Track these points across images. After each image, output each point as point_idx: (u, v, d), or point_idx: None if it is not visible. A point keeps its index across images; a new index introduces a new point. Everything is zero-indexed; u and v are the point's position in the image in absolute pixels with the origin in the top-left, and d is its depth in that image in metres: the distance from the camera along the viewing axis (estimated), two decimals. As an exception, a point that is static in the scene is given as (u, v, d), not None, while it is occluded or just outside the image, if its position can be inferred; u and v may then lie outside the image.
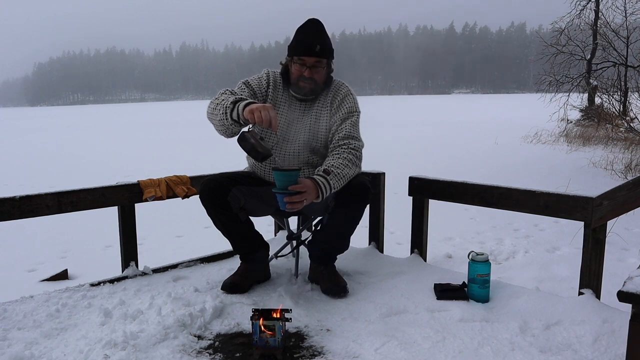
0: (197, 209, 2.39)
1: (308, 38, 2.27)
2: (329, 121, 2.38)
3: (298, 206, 2.03)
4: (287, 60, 2.37)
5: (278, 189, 2.03)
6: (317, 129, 2.37)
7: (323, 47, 2.27)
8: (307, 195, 2.03)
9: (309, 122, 2.37)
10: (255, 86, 2.36)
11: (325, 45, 2.29)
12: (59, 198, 2.43)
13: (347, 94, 2.41)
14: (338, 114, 2.36)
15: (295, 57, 2.30)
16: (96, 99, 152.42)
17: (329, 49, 2.31)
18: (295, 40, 2.31)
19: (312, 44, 2.25)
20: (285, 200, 2.01)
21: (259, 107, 1.97)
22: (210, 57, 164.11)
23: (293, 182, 2.02)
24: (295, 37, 2.31)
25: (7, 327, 2.06)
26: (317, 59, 2.27)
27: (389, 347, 1.86)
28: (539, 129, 13.50)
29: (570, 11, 14.26)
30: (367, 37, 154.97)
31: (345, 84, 2.46)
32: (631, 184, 2.25)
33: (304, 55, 2.27)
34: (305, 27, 2.30)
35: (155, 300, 2.19)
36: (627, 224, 4.55)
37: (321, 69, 2.30)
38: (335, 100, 2.39)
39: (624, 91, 12.92)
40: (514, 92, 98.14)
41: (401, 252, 3.14)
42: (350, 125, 2.34)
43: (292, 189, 2.00)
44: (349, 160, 2.23)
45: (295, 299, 2.27)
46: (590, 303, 2.09)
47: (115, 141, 16.29)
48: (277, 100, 2.38)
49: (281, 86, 2.40)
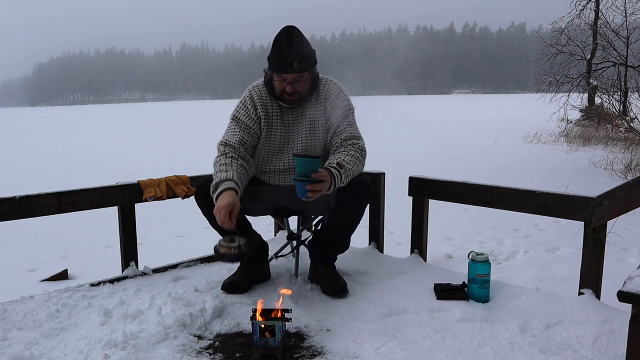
0: (197, 209, 2.39)
1: (284, 55, 2.16)
2: (325, 123, 2.35)
3: (317, 195, 2.01)
4: (268, 71, 2.29)
5: (299, 176, 1.99)
6: (314, 131, 2.35)
7: (301, 62, 2.17)
8: (325, 185, 2.01)
9: (306, 126, 2.35)
10: (245, 118, 2.32)
11: (303, 59, 2.18)
12: (59, 198, 2.43)
13: (339, 92, 2.37)
14: (334, 115, 2.33)
15: (275, 73, 2.23)
16: (96, 99, 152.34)
17: (307, 62, 2.21)
18: (272, 55, 2.21)
19: (290, 61, 2.16)
20: (307, 188, 1.97)
21: (215, 212, 2.00)
22: (210, 57, 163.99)
23: (315, 170, 2.00)
24: (272, 52, 2.20)
25: (7, 327, 2.06)
26: (297, 75, 2.20)
27: (389, 347, 1.86)
28: (539, 129, 13.49)
29: (570, 11, 14.27)
30: (367, 37, 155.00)
31: (333, 81, 2.40)
32: (631, 184, 2.25)
33: (282, 74, 2.20)
34: (280, 43, 2.17)
35: (155, 300, 2.19)
36: (627, 224, 4.55)
37: (303, 82, 2.24)
38: (328, 101, 2.35)
39: (624, 91, 12.91)
40: (514, 92, 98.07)
41: (401, 252, 3.14)
42: (349, 125, 2.32)
43: (315, 177, 1.98)
44: (356, 158, 2.22)
45: (295, 299, 2.27)
46: (590, 303, 2.09)
47: (115, 141, 16.29)
48: (269, 115, 2.35)
49: (268, 98, 2.35)
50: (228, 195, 2.04)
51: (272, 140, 2.36)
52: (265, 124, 2.34)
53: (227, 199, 2.02)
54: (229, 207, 2.00)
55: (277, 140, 2.36)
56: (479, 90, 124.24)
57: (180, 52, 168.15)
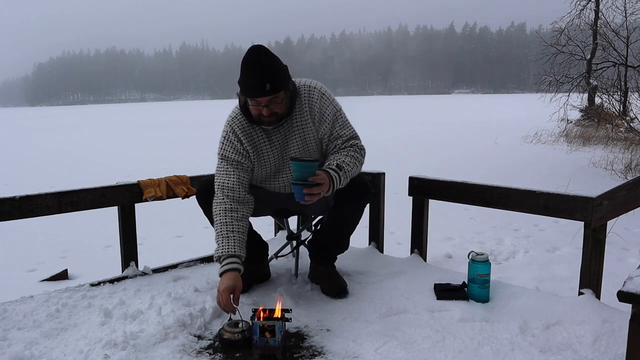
0: (197, 209, 2.39)
1: (255, 78, 2.02)
2: (316, 133, 2.26)
3: (316, 198, 1.98)
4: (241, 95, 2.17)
5: (297, 180, 1.98)
6: (307, 143, 2.27)
7: (273, 83, 2.03)
8: (324, 188, 1.99)
9: (296, 141, 2.26)
10: (234, 155, 2.23)
11: (275, 80, 2.03)
12: (59, 198, 2.43)
13: (322, 97, 2.24)
14: (324, 124, 2.24)
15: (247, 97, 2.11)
16: (96, 99, 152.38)
17: (280, 81, 2.06)
18: (242, 79, 2.07)
19: (261, 84, 2.02)
20: (304, 192, 1.96)
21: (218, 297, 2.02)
22: (210, 57, 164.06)
23: (312, 173, 1.97)
24: (242, 76, 2.06)
25: (7, 327, 2.06)
26: (271, 97, 2.06)
27: (389, 347, 1.86)
28: (539, 129, 13.50)
29: (570, 11, 14.27)
30: (367, 37, 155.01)
31: (313, 85, 2.25)
32: (631, 184, 2.25)
33: (255, 97, 2.07)
34: (249, 65, 2.03)
35: (155, 300, 2.19)
36: (627, 224, 4.55)
37: (279, 102, 2.10)
38: (314, 109, 2.24)
39: (624, 91, 12.91)
40: (514, 92, 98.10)
41: (401, 252, 3.14)
42: (341, 128, 2.25)
43: (313, 181, 1.96)
44: (356, 158, 2.20)
45: (295, 299, 2.27)
46: (590, 303, 2.09)
47: (115, 141, 16.29)
48: (256, 145, 2.25)
49: (250, 127, 2.23)
50: (230, 277, 2.03)
51: (266, 166, 2.29)
52: (254, 154, 2.25)
53: (228, 281, 2.01)
54: (230, 290, 2.00)
55: (271, 165, 2.29)
56: (479, 90, 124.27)
57: (180, 52, 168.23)
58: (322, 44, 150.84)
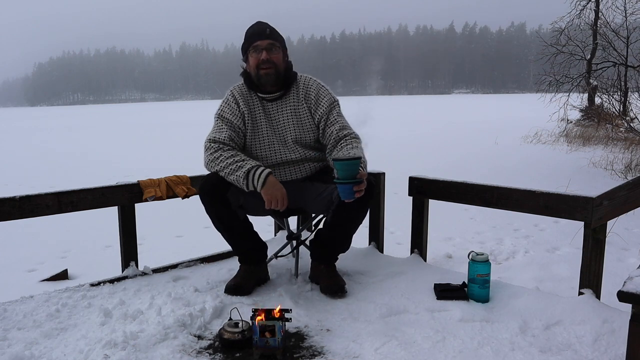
0: (197, 209, 2.39)
1: (257, 26, 2.36)
2: (311, 117, 2.41)
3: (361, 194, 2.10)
4: (245, 62, 2.41)
5: (345, 179, 2.05)
6: (301, 123, 2.41)
7: (273, 30, 2.35)
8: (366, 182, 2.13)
9: (290, 118, 2.41)
10: (230, 115, 2.39)
11: (273, 30, 2.36)
12: (59, 198, 2.43)
13: (319, 87, 2.46)
14: (320, 109, 2.40)
15: (250, 48, 2.35)
16: (96, 99, 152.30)
17: (278, 34, 2.37)
18: (246, 33, 2.38)
19: (262, 29, 2.33)
20: (355, 189, 2.06)
21: (272, 198, 2.18)
22: (210, 57, 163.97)
23: (357, 170, 2.07)
24: (246, 32, 2.38)
25: (7, 327, 2.06)
26: (271, 41, 2.33)
27: (389, 347, 1.86)
28: (539, 129, 13.48)
29: (570, 11, 14.24)
30: (367, 37, 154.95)
31: (312, 77, 2.48)
32: (631, 184, 2.25)
33: (256, 41, 2.33)
34: (252, 24, 2.39)
35: (155, 300, 2.20)
36: (627, 224, 4.55)
37: (277, 54, 2.34)
38: (310, 96, 2.42)
39: (624, 91, 12.89)
40: (514, 92, 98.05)
41: (401, 252, 3.14)
42: (338, 116, 2.41)
43: (360, 177, 2.07)
44: (361, 149, 2.34)
45: (295, 299, 2.27)
46: (590, 303, 2.09)
47: (115, 141, 16.28)
48: (252, 109, 2.42)
49: (249, 93, 2.43)
50: (275, 181, 2.20)
51: (259, 133, 2.41)
52: (249, 118, 2.40)
53: (278, 183, 2.20)
54: (285, 194, 2.20)
55: (264, 133, 2.40)
56: (479, 90, 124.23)
57: (180, 52, 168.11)
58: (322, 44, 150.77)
